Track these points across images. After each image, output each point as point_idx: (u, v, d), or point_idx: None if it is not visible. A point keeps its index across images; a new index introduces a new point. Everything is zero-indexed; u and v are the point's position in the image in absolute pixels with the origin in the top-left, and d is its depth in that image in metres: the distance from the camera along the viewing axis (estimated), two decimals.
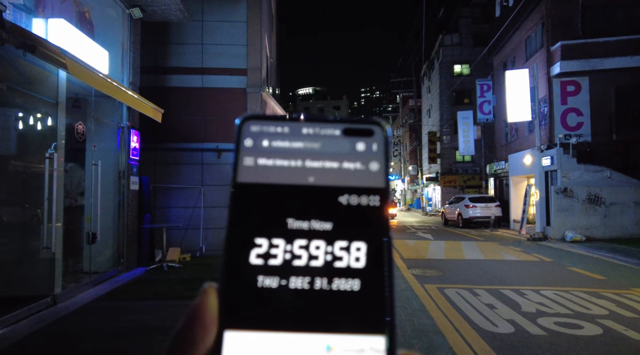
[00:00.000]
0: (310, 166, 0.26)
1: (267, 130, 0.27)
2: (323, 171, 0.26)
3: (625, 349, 3.94)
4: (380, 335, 0.23)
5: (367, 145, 0.27)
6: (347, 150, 0.26)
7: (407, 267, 8.23)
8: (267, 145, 0.26)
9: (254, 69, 10.07)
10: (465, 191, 29.23)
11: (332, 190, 0.26)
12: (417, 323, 4.61)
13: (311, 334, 0.23)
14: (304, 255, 0.24)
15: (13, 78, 5.00)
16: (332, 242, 0.25)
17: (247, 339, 0.22)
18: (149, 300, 5.49)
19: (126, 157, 7.47)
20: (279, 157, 0.26)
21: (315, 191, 0.25)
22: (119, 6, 7.32)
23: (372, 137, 0.27)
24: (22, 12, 4.87)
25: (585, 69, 14.54)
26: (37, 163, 5.45)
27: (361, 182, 0.26)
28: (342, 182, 0.26)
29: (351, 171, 0.26)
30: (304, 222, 0.25)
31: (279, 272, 0.24)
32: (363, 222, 0.25)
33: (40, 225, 5.31)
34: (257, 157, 0.26)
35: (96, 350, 3.77)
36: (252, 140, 0.26)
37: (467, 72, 30.76)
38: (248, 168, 0.26)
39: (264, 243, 0.24)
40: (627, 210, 13.34)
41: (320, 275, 0.24)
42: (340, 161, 0.26)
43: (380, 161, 0.26)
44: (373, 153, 0.26)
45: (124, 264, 7.33)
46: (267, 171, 0.26)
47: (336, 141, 0.27)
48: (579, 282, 6.93)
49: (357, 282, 0.24)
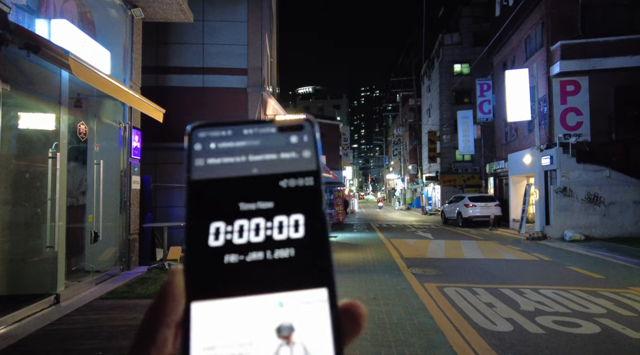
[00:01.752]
0: (253, 159, 0.30)
1: (213, 135, 0.31)
2: (264, 162, 0.30)
3: (622, 347, 3.98)
4: (322, 287, 0.27)
5: (299, 137, 0.31)
6: (282, 144, 0.31)
7: (407, 266, 8.27)
8: (214, 147, 0.31)
9: (254, 68, 10.10)
10: (465, 190, 29.25)
11: (274, 177, 0.30)
12: (417, 322, 4.65)
13: (265, 295, 0.27)
14: (253, 231, 0.29)
15: (16, 78, 5.03)
16: (276, 217, 0.29)
17: (211, 307, 0.26)
18: (151, 299, 5.49)
19: (128, 156, 7.51)
20: (225, 155, 0.31)
21: (259, 179, 0.30)
22: (120, 6, 7.34)
23: (302, 130, 0.32)
24: (25, 13, 4.90)
25: (585, 68, 14.55)
26: (39, 162, 5.49)
27: (297, 167, 0.30)
28: (281, 169, 0.30)
29: (287, 160, 0.31)
30: (252, 205, 0.29)
31: (234, 249, 0.28)
32: (301, 199, 0.30)
33: (43, 224, 5.35)
34: (206, 158, 0.30)
35: (99, 348, 3.81)
36: (201, 144, 0.31)
37: (467, 71, 30.76)
38: (199, 167, 0.30)
39: (218, 226, 0.29)
40: (626, 210, 13.38)
41: (268, 245, 0.28)
42: (278, 152, 0.31)
43: (310, 149, 0.31)
44: (304, 143, 0.31)
45: (126, 262, 7.37)
46: (216, 168, 0.30)
47: (273, 137, 0.31)
48: (577, 281, 6.97)
49: (299, 247, 0.28)
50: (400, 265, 8.40)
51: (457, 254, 10.06)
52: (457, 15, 33.97)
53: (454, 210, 19.59)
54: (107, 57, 6.60)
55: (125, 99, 6.08)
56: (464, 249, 11.08)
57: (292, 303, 0.27)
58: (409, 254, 10.11)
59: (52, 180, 5.23)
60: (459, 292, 6.06)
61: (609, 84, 14.58)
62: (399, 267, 8.19)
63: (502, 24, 19.20)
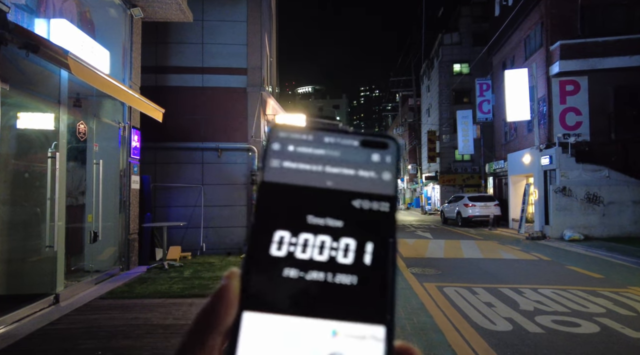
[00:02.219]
0: (329, 171, 0.29)
1: (293, 137, 0.30)
2: (340, 177, 0.29)
3: (621, 346, 3.99)
4: (381, 325, 0.26)
5: (381, 157, 0.30)
6: (363, 160, 0.30)
7: (407, 265, 8.28)
8: (292, 150, 0.30)
9: (254, 68, 10.10)
10: (464, 190, 29.28)
11: (348, 194, 0.29)
12: (416, 321, 4.66)
13: (319, 320, 0.25)
14: (317, 248, 0.27)
15: (15, 78, 5.03)
16: (343, 238, 0.28)
17: (262, 320, 0.25)
18: (150, 299, 5.53)
19: (127, 156, 7.51)
20: (302, 161, 0.29)
21: (333, 194, 0.28)
22: (120, 6, 7.34)
23: (386, 149, 0.30)
24: (25, 12, 4.90)
25: (584, 68, 14.56)
26: (39, 162, 5.49)
27: (373, 189, 0.29)
28: (357, 188, 0.29)
29: (365, 178, 0.29)
30: (320, 220, 0.28)
31: (295, 263, 0.27)
32: (373, 224, 0.28)
33: (43, 224, 5.35)
34: (282, 160, 0.29)
35: (99, 348, 3.81)
36: (280, 144, 0.30)
37: (466, 71, 30.77)
38: (274, 169, 0.29)
39: (283, 236, 0.28)
40: (626, 210, 13.39)
41: (330, 267, 0.27)
42: (357, 169, 0.29)
43: (391, 171, 0.29)
44: (386, 164, 0.30)
45: (125, 262, 7.37)
46: (291, 173, 0.29)
47: (354, 151, 0.30)
48: (577, 281, 6.98)
49: (363, 276, 0.27)
50: (400, 264, 8.41)
51: (456, 254, 10.07)
52: (456, 15, 33.98)
53: (454, 210, 19.60)
54: (107, 57, 6.59)
55: (125, 99, 6.08)
56: (464, 248, 11.09)
57: (345, 334, 0.25)
58: (409, 253, 10.11)
59: (51, 180, 5.23)
60: (458, 292, 6.06)
61: (608, 83, 14.59)
62: (399, 266, 8.17)
63: (502, 23, 19.21)
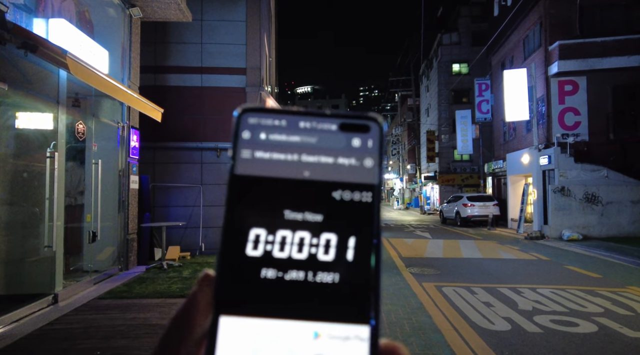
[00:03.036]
0: (306, 160, 0.27)
1: (265, 123, 0.27)
2: (318, 166, 0.27)
3: (619, 346, 3.99)
4: (365, 325, 0.24)
5: (362, 141, 0.27)
6: (342, 146, 0.27)
7: (406, 265, 8.28)
8: (264, 138, 0.27)
9: (253, 68, 10.09)
10: (463, 190, 29.30)
11: (327, 185, 0.26)
12: (415, 321, 4.66)
13: (300, 322, 0.24)
14: (296, 246, 0.25)
15: (14, 78, 5.02)
16: (323, 234, 0.26)
17: (240, 324, 0.24)
18: (149, 299, 5.53)
19: (126, 156, 7.50)
20: (276, 150, 0.27)
21: (310, 185, 0.26)
22: (119, 6, 7.33)
23: (367, 132, 0.27)
24: (23, 12, 4.89)
25: (583, 68, 14.59)
26: (37, 162, 5.48)
27: (355, 178, 0.27)
28: (337, 178, 0.27)
29: (346, 167, 0.27)
30: (298, 215, 0.26)
31: (273, 263, 0.25)
32: (355, 216, 0.26)
33: (41, 224, 5.34)
34: (254, 150, 0.27)
35: (98, 348, 3.81)
36: (250, 132, 0.27)
37: (465, 71, 30.79)
38: (245, 160, 0.27)
39: (258, 234, 0.26)
40: (624, 209, 13.42)
41: (310, 266, 0.25)
42: (336, 156, 0.27)
43: (374, 157, 0.27)
44: (368, 149, 0.27)
45: (124, 262, 7.37)
46: (264, 164, 0.27)
47: (332, 136, 0.27)
48: (575, 281, 6.99)
49: (345, 273, 0.25)
50: (399, 264, 8.41)
51: (455, 254, 10.07)
52: (455, 15, 34.00)
53: (453, 210, 19.62)
54: (106, 57, 6.58)
55: (124, 99, 6.07)
56: (462, 248, 11.10)
57: (328, 336, 0.24)
58: (408, 253, 10.12)
59: (50, 179, 5.22)
60: (457, 292, 6.07)
61: (607, 83, 14.62)
62: (397, 266, 8.20)
63: (501, 23, 19.22)
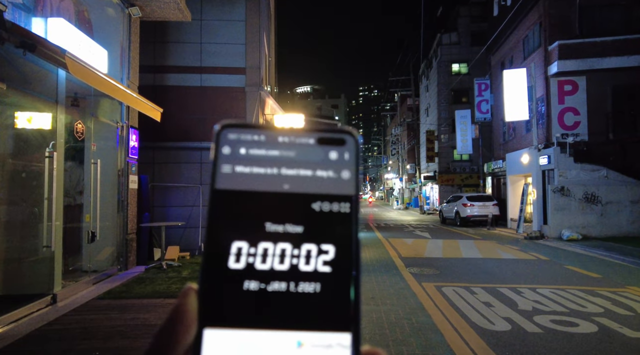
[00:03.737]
0: (285, 174, 0.27)
1: (245, 138, 0.28)
2: (298, 179, 0.27)
3: (619, 346, 3.99)
4: (346, 332, 0.25)
5: (339, 154, 0.28)
6: (320, 159, 0.28)
7: (405, 265, 8.28)
8: (244, 153, 0.28)
9: (252, 67, 10.08)
10: (463, 190, 29.30)
11: (307, 197, 0.27)
12: (415, 321, 4.65)
13: (283, 332, 0.25)
14: (278, 257, 0.26)
15: (13, 77, 5.01)
16: (304, 245, 0.27)
17: (224, 336, 0.24)
18: (148, 299, 5.51)
19: (125, 155, 7.48)
20: (255, 164, 0.28)
21: (290, 198, 0.27)
22: (118, 5, 7.32)
23: (344, 145, 0.28)
24: (22, 11, 4.87)
25: (583, 68, 14.59)
26: (36, 162, 5.47)
27: (333, 190, 0.28)
28: (316, 190, 0.27)
29: (324, 179, 0.28)
30: (279, 227, 0.27)
31: (255, 275, 0.26)
32: (334, 227, 0.27)
33: (40, 223, 5.32)
34: (234, 165, 0.27)
35: (96, 349, 3.80)
36: (230, 147, 0.28)
37: (465, 71, 30.79)
38: (226, 175, 0.27)
39: (241, 246, 0.26)
40: (623, 209, 13.42)
41: (292, 276, 0.26)
42: (314, 169, 0.28)
43: (351, 169, 0.28)
44: (344, 161, 0.28)
45: (123, 262, 7.35)
46: (245, 178, 0.27)
47: (310, 150, 0.28)
48: (575, 281, 6.99)
49: (326, 283, 0.26)
50: (398, 264, 8.40)
51: (455, 254, 10.07)
52: (455, 14, 34.00)
53: (452, 210, 19.61)
54: (105, 56, 6.57)
55: (123, 98, 6.05)
56: (462, 248, 11.10)
57: (311, 344, 0.25)
58: (407, 253, 10.11)
59: (49, 179, 5.21)
60: (457, 292, 6.06)
61: (606, 83, 14.62)
62: (397, 266, 8.19)
63: (500, 23, 19.22)
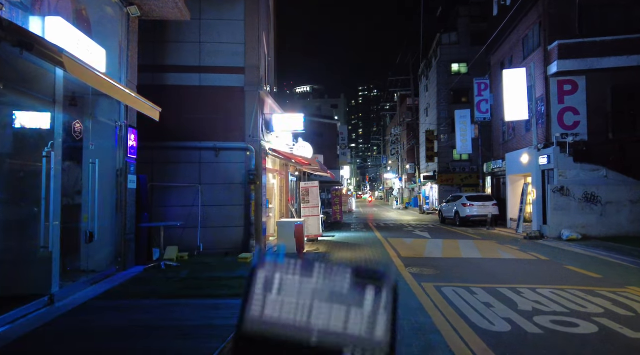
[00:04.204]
0: (315, 323, 0.26)
1: (277, 280, 0.27)
2: (328, 326, 0.26)
3: (620, 346, 3.97)
4: None
5: (375, 299, 0.27)
6: (355, 303, 0.26)
7: (405, 265, 8.26)
8: (275, 297, 0.27)
9: (252, 67, 10.06)
10: (462, 190, 29.27)
11: (337, 353, 0.25)
12: (414, 321, 4.63)
13: None
14: None
15: (10, 76, 4.98)
16: None
17: None
18: (147, 299, 5.49)
19: (124, 155, 7.45)
20: (285, 309, 0.26)
21: (320, 352, 0.25)
22: (117, 4, 7.29)
23: (380, 290, 0.27)
24: (19, 10, 4.84)
25: (582, 68, 14.58)
26: (34, 162, 5.44)
27: (367, 338, 0.26)
28: (344, 342, 0.26)
29: (354, 334, 0.26)
30: None
31: None
32: None
33: (38, 224, 5.30)
34: (264, 308, 0.26)
35: (95, 350, 3.77)
36: (263, 288, 0.27)
37: (464, 71, 30.78)
38: (253, 319, 0.26)
39: None
40: (623, 209, 13.40)
41: None
42: (347, 318, 0.26)
43: (386, 315, 0.26)
44: (380, 306, 0.27)
45: (122, 262, 7.32)
46: (272, 324, 0.26)
47: (344, 294, 0.27)
48: (575, 281, 6.97)
49: None
50: (398, 264, 8.38)
51: (454, 254, 10.05)
52: (454, 14, 33.99)
53: (452, 210, 19.60)
54: (103, 56, 6.54)
55: (121, 98, 6.02)
56: (462, 248, 11.08)
57: None
58: (407, 253, 10.09)
59: (46, 179, 5.18)
60: (456, 292, 6.04)
61: (606, 83, 14.61)
62: (397, 266, 8.18)
63: (500, 23, 19.20)
